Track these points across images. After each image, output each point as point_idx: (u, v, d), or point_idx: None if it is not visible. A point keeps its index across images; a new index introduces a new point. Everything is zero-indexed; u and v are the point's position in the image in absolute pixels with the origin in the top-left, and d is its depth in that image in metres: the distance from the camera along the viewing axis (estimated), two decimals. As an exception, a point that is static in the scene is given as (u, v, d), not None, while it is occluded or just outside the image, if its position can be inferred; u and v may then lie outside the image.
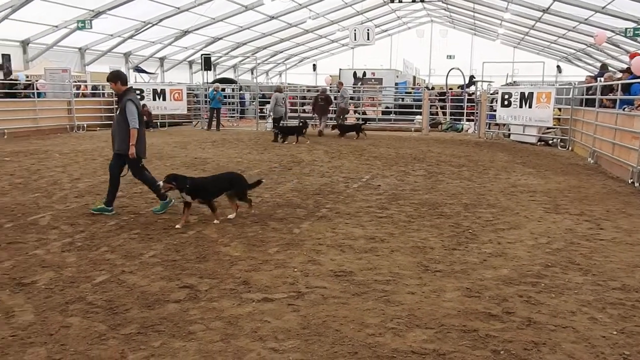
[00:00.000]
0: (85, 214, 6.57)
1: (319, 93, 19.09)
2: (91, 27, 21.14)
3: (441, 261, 4.97)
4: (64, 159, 11.43)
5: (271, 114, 17.17)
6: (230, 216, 6.46)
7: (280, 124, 16.82)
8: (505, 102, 16.48)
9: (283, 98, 17.08)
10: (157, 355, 3.22)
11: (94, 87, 21.74)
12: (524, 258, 5.08)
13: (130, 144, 6.40)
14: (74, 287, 4.25)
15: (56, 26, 21.63)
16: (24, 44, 22.20)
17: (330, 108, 18.73)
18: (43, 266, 4.74)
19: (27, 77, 19.97)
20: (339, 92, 18.56)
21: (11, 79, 19.46)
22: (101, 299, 4.03)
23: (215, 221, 6.24)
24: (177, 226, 6.01)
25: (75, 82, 18.85)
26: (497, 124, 18.10)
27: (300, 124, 18.13)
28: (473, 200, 7.65)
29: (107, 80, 6.73)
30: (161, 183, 6.19)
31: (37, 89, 17.67)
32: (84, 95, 20.39)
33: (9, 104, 17.00)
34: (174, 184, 6.13)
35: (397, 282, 4.43)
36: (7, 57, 21.48)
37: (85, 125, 18.52)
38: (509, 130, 17.41)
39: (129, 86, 6.75)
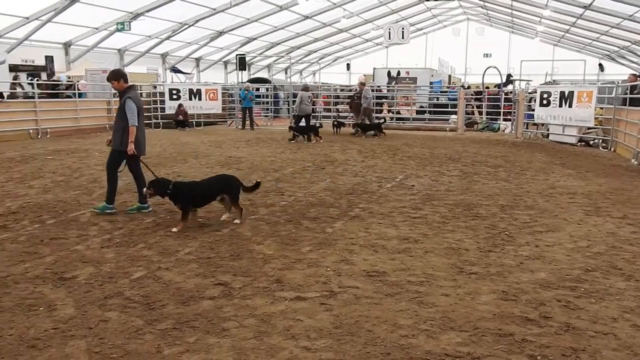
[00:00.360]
0: (123, 211, 6.73)
1: (355, 92, 19.02)
2: (130, 29, 21.71)
3: (476, 263, 4.88)
4: (104, 158, 11.71)
5: (296, 111, 17.26)
6: (236, 221, 6.16)
7: (310, 123, 16.89)
8: (544, 102, 16.05)
9: (309, 97, 17.10)
10: (192, 351, 3.27)
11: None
12: (563, 261, 4.94)
13: (130, 140, 6.42)
14: (113, 283, 4.36)
15: (96, 28, 22.30)
16: (66, 45, 22.98)
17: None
18: (83, 261, 4.89)
19: (69, 77, 20.62)
20: (361, 93, 18.34)
21: (54, 80, 20.15)
22: (138, 294, 4.12)
23: (174, 229, 5.84)
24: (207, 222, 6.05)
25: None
26: (535, 124, 17.67)
27: (335, 123, 18.25)
28: (510, 202, 7.49)
29: (108, 80, 6.61)
30: (144, 190, 6.15)
31: (78, 90, 18.24)
32: (122, 95, 20.92)
33: (52, 104, 17.60)
34: (151, 190, 5.95)
35: (430, 283, 4.38)
36: (50, 59, 22.27)
37: (123, 125, 18.98)
38: (548, 130, 16.97)
39: (130, 84, 6.67)
